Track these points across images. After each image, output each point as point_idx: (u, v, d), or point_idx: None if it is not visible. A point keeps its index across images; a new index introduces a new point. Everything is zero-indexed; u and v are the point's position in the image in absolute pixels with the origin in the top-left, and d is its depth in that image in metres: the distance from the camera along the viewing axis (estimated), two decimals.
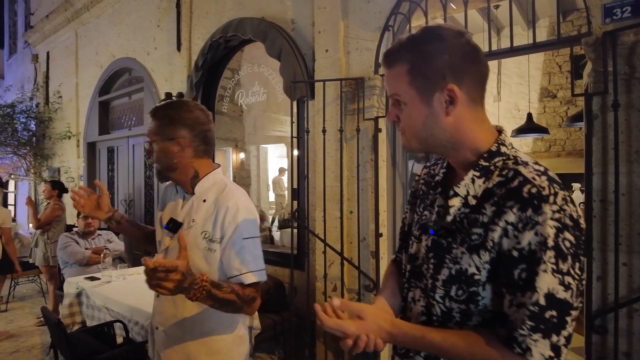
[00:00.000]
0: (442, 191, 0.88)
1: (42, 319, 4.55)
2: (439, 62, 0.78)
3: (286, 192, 7.69)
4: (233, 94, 4.33)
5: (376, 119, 2.81)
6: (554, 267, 0.70)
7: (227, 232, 1.27)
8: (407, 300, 0.92)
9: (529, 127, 4.63)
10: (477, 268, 0.76)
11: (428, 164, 1.02)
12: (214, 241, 1.27)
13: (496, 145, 0.81)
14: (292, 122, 2.98)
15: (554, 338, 0.70)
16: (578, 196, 3.62)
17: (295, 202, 3.28)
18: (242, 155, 5.31)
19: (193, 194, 1.35)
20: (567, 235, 0.71)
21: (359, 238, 2.87)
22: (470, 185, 0.80)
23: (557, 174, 0.77)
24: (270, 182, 8.12)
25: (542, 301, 0.69)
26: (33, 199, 7.64)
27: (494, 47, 2.79)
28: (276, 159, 8.86)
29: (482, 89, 0.83)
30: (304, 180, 3.29)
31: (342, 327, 0.78)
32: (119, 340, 2.58)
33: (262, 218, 4.63)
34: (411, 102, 0.81)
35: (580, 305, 0.73)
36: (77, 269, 3.63)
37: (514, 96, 7.34)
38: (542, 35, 6.80)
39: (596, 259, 2.06)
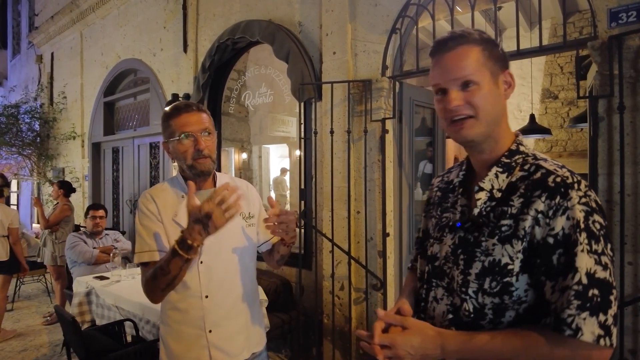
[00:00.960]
0: (463, 191, 0.93)
1: (48, 318, 4.59)
2: (498, 51, 0.88)
3: (288, 193, 7.73)
4: (239, 95, 4.37)
5: (383, 121, 2.85)
6: (589, 247, 0.73)
7: (256, 206, 1.54)
8: (427, 300, 0.94)
9: (532, 128, 4.68)
10: (511, 258, 0.79)
11: (441, 173, 1.09)
12: (251, 217, 1.50)
13: (516, 144, 0.88)
14: (299, 124, 3.02)
15: (602, 317, 0.71)
16: None
17: (302, 202, 3.32)
18: (244, 155, 5.35)
19: (214, 187, 1.44)
20: (597, 217, 0.75)
21: (366, 238, 2.91)
22: (494, 180, 0.85)
23: None
24: (271, 182, 8.16)
25: (585, 280, 0.72)
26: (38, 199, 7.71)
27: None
28: (278, 159, 8.90)
29: None
30: (311, 180, 3.33)
31: (390, 341, 0.83)
32: (129, 339, 2.62)
33: None
34: (484, 82, 0.84)
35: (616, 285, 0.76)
36: (85, 268, 3.67)
37: (516, 97, 7.38)
38: (544, 37, 6.85)
39: None
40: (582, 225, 0.74)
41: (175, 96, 4.36)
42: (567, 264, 0.74)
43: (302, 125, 3.17)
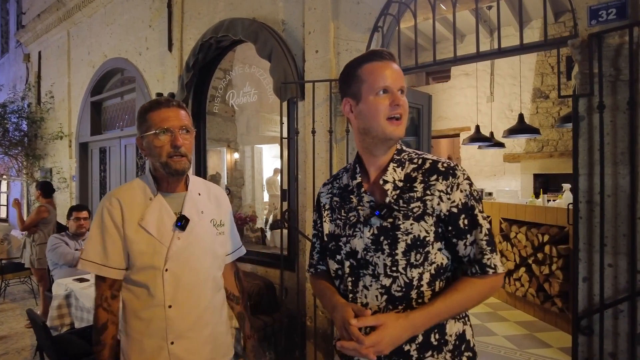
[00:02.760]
0: (365, 190, 1.07)
1: None
2: None
3: (280, 193, 7.66)
4: (225, 94, 4.32)
5: None
6: (479, 209, 1.00)
7: (227, 215, 1.50)
8: (357, 290, 1.04)
9: (521, 127, 4.66)
10: (427, 231, 0.98)
11: (327, 181, 1.23)
12: (222, 225, 1.46)
13: (400, 145, 1.10)
14: (281, 123, 2.98)
15: (497, 253, 1.00)
16: (568, 197, 3.64)
17: (285, 203, 3.27)
18: (236, 155, 5.29)
19: (186, 190, 1.39)
20: (475, 187, 1.02)
21: None
22: (393, 173, 1.05)
23: (549, 175, 1.00)
24: (264, 183, 8.10)
25: (486, 231, 0.99)
26: (25, 199, 7.61)
27: (488, 48, 2.80)
28: (271, 159, 8.84)
29: None
30: (294, 181, 3.29)
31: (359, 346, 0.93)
32: None
33: (254, 219, 4.61)
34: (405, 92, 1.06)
35: None
36: (66, 270, 3.60)
37: (507, 97, 7.37)
38: (535, 37, 6.83)
39: (582, 260, 2.07)
40: (471, 194, 1.00)
41: (159, 95, 4.30)
42: (471, 223, 0.99)
43: (284, 125, 3.12)
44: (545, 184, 6.72)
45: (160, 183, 1.36)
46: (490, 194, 5.97)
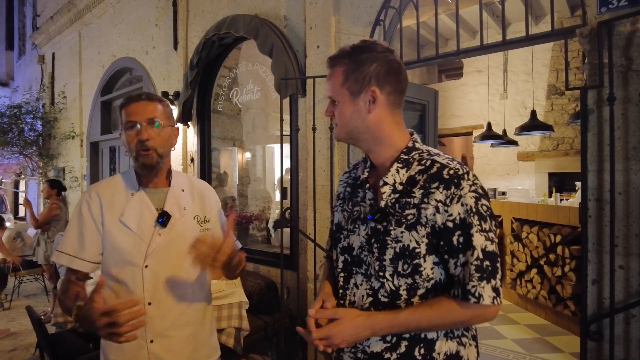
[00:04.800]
0: (369, 186, 1.02)
1: (42, 317, 4.59)
2: (368, 68, 0.96)
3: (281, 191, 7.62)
4: (229, 92, 4.30)
5: None
6: (480, 227, 0.88)
7: (214, 211, 1.45)
8: (347, 287, 1.03)
9: (533, 124, 4.50)
10: (417, 242, 0.91)
11: (347, 169, 1.18)
12: (206, 222, 1.40)
13: (411, 142, 1.01)
14: (281, 120, 2.93)
15: (493, 282, 0.87)
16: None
17: (285, 202, 3.22)
18: (247, 154, 5.27)
19: (168, 186, 1.36)
20: (483, 201, 0.90)
21: None
22: (395, 175, 0.97)
23: (565, 173, 0.84)
24: (276, 182, 8.07)
25: (480, 255, 0.87)
26: (41, 199, 7.76)
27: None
28: (286, 159, 8.79)
29: (401, 97, 1.01)
30: (296, 179, 3.24)
31: (324, 334, 0.92)
32: None
33: (259, 217, 4.58)
34: (343, 100, 0.99)
35: None
36: None
37: (520, 94, 7.17)
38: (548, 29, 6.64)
39: (592, 261, 1.96)
40: (474, 210, 0.88)
41: (164, 94, 4.31)
42: (465, 243, 0.88)
43: (284, 122, 3.07)
44: (560, 183, 6.51)
45: (142, 179, 1.34)
46: (503, 193, 5.82)
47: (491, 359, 3.18)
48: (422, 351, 0.92)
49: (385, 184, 0.97)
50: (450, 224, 0.88)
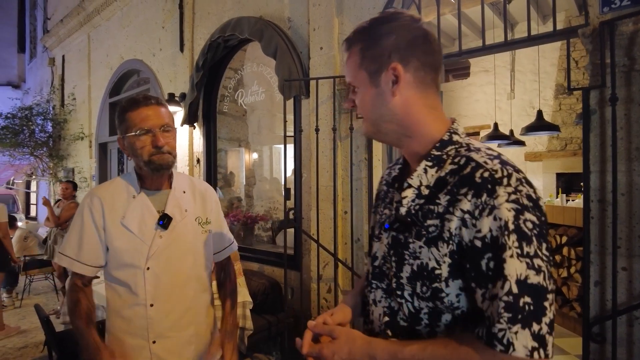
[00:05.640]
0: (398, 187, 0.85)
1: (52, 314, 4.67)
2: (386, 42, 0.78)
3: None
4: (235, 93, 4.33)
5: None
6: (519, 251, 0.66)
7: (214, 212, 1.47)
8: (368, 303, 0.90)
9: (539, 124, 4.47)
10: (437, 262, 0.73)
11: (390, 164, 1.02)
12: (207, 223, 1.43)
13: (448, 134, 0.79)
14: (285, 121, 2.95)
15: (535, 327, 0.64)
16: None
17: (288, 202, 3.24)
18: (255, 155, 5.30)
19: (170, 187, 1.38)
20: (528, 215, 0.67)
21: (353, 238, 2.81)
22: (423, 176, 0.78)
23: (572, 173, 0.69)
24: (283, 182, 8.08)
25: (515, 289, 0.65)
26: (53, 199, 7.90)
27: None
28: (291, 159, 8.83)
29: (435, 74, 0.81)
30: (299, 179, 3.26)
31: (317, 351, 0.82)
32: None
33: (265, 218, 4.61)
34: (362, 85, 0.82)
35: (554, 287, 0.68)
36: None
37: (528, 93, 7.11)
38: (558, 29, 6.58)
39: (594, 262, 1.94)
40: (511, 227, 0.66)
41: (171, 96, 4.35)
42: (495, 270, 0.66)
43: (288, 123, 3.08)
44: (568, 183, 6.45)
45: (144, 181, 1.36)
46: None
47: None
48: None
49: (409, 186, 0.79)
50: (478, 243, 0.68)
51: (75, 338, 2.38)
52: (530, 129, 4.52)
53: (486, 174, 0.69)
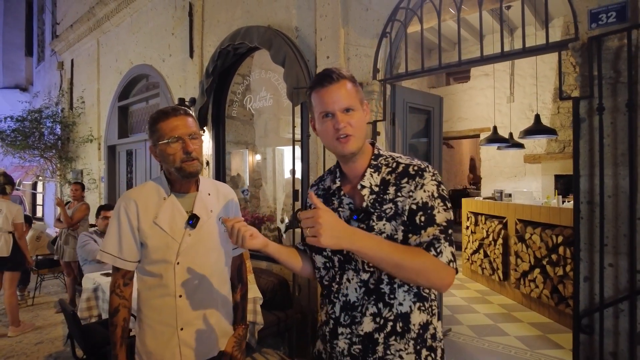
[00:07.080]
0: (344, 193, 1.16)
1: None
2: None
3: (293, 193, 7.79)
4: (243, 98, 4.49)
5: (375, 123, 2.89)
6: (444, 206, 1.04)
7: (234, 213, 1.60)
8: (342, 282, 1.15)
9: (537, 128, 4.62)
10: (395, 230, 1.05)
11: (313, 182, 1.31)
12: None
13: (377, 150, 1.16)
14: (293, 127, 3.10)
15: (450, 248, 1.02)
16: None
17: (297, 204, 3.39)
18: (258, 157, 5.47)
19: (196, 190, 1.52)
20: (443, 187, 1.08)
21: None
22: (370, 179, 1.11)
23: (571, 176, 0.97)
24: (292, 184, 8.23)
25: (444, 225, 1.03)
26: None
27: (507, 48, 2.84)
28: (298, 162, 8.97)
29: None
30: (307, 182, 3.41)
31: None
32: (132, 332, 2.75)
33: (271, 218, 4.76)
34: (357, 108, 1.10)
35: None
36: (95, 266, 3.84)
37: (527, 97, 7.27)
38: (557, 35, 6.71)
39: (583, 259, 2.10)
40: (436, 194, 1.05)
41: (181, 101, 4.51)
42: (428, 220, 1.02)
43: (295, 129, 3.24)
44: (566, 185, 6.59)
45: (174, 184, 1.51)
46: (509, 195, 5.92)
47: (494, 354, 3.31)
48: (400, 324, 1.07)
49: (364, 187, 1.10)
50: (414, 206, 1.03)
51: (97, 330, 2.52)
52: (528, 132, 4.67)
53: (416, 167, 1.08)
